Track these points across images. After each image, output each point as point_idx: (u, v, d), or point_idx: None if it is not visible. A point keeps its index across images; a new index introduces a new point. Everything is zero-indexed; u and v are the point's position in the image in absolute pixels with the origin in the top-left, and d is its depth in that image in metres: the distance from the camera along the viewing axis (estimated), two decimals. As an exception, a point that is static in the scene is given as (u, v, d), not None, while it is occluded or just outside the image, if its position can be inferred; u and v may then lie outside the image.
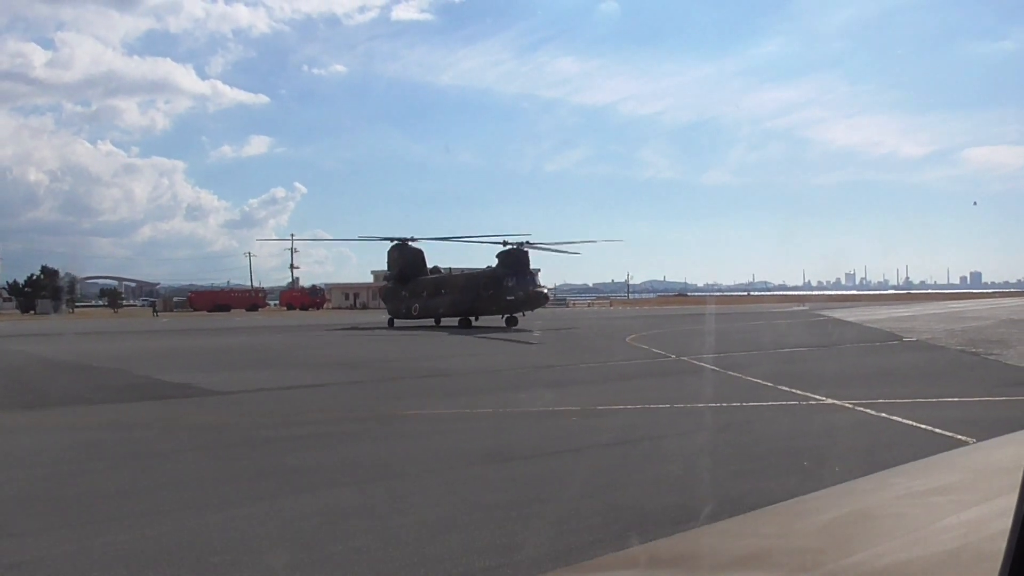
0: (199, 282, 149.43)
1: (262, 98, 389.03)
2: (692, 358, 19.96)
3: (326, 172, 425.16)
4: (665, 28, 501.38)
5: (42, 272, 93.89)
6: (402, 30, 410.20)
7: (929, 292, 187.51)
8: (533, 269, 44.49)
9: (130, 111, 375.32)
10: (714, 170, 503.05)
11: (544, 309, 56.03)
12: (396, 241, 46.61)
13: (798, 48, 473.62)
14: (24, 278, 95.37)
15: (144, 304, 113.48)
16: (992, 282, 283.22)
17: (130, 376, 18.10)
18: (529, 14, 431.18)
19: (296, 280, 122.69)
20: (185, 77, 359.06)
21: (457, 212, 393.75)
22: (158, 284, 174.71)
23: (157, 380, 16.99)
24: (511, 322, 40.45)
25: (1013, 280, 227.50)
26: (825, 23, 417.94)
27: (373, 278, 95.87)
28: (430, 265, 47.36)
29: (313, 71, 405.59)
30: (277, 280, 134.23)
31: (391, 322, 44.63)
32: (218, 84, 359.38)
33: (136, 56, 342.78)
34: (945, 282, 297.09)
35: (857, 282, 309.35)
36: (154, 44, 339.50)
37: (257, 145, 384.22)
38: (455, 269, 48.41)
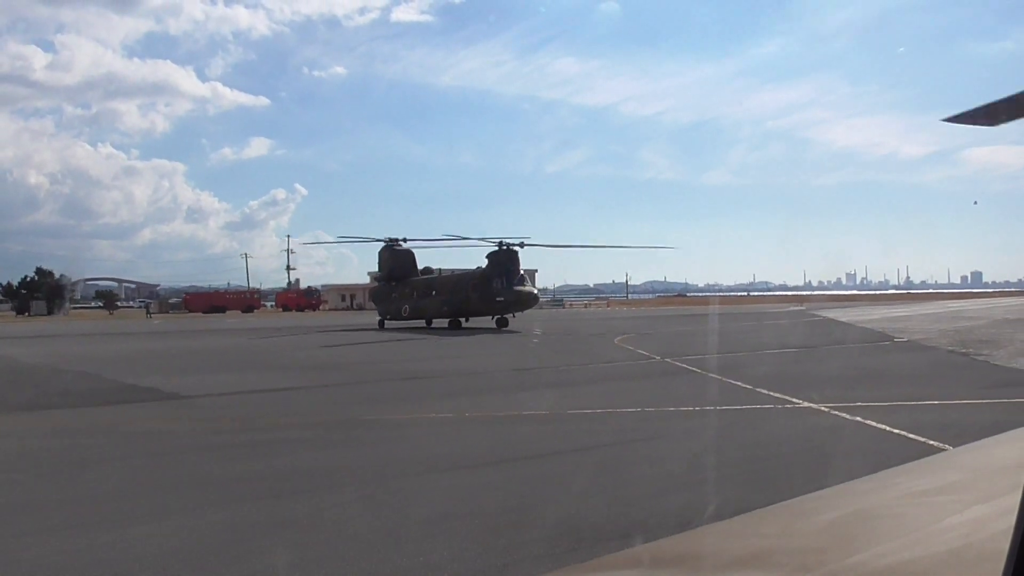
0: (199, 284, 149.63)
1: (262, 100, 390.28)
2: (677, 360, 19.55)
3: (326, 174, 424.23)
4: (665, 28, 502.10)
5: (37, 274, 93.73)
6: (402, 31, 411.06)
7: (929, 292, 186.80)
8: (530, 270, 44.04)
9: (130, 113, 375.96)
10: (715, 170, 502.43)
11: (540, 310, 55.83)
12: (386, 242, 46.27)
13: (799, 48, 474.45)
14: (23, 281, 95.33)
15: (140, 306, 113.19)
16: (993, 281, 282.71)
17: (97, 380, 17.68)
18: (529, 15, 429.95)
19: (296, 281, 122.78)
20: (185, 79, 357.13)
21: (458, 213, 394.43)
22: (158, 286, 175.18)
23: (123, 384, 16.59)
24: (501, 323, 40.02)
25: (1014, 279, 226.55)
26: (826, 23, 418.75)
27: (369, 279, 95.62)
28: (423, 266, 47.04)
29: (313, 73, 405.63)
30: (277, 281, 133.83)
31: (381, 323, 44.23)
32: (218, 86, 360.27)
33: (136, 58, 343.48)
34: (946, 282, 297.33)
35: (858, 282, 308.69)
36: (154, 46, 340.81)
37: (257, 147, 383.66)
38: (448, 271, 47.98)
